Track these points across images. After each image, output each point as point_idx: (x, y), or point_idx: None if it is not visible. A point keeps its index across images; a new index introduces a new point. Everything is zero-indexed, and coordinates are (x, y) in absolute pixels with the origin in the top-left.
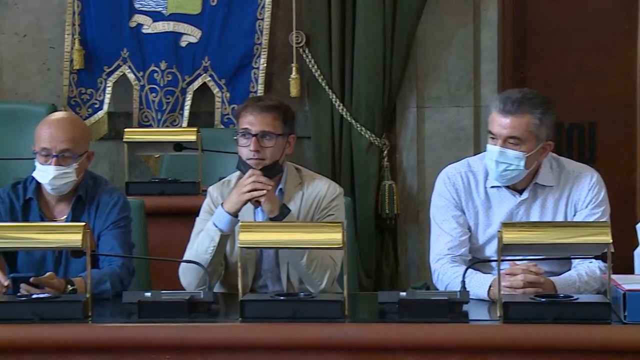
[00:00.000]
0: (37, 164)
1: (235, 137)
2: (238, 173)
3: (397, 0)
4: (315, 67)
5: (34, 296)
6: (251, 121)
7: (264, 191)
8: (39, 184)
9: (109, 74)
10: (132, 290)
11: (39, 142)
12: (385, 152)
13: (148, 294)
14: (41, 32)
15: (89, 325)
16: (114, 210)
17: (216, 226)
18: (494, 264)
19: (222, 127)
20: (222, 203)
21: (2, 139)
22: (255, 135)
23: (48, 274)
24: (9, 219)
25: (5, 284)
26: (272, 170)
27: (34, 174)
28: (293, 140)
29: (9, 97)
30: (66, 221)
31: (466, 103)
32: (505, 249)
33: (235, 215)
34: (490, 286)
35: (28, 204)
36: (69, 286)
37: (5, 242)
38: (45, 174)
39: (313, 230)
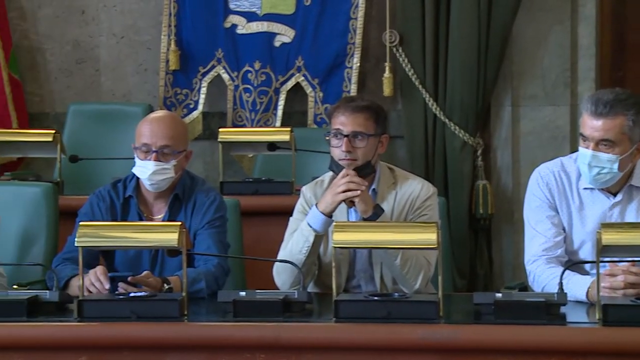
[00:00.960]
0: (136, 159)
1: (327, 138)
2: (331, 173)
3: None
4: (409, 66)
5: (132, 294)
6: (343, 122)
7: (358, 191)
8: (138, 183)
9: (204, 74)
10: (227, 289)
11: (140, 138)
12: (479, 151)
13: (243, 293)
14: (138, 33)
15: (185, 323)
16: (210, 210)
17: (310, 226)
18: (588, 266)
19: (315, 126)
20: (316, 203)
21: (101, 139)
22: (347, 135)
23: (144, 273)
24: (109, 217)
25: (107, 287)
26: (364, 171)
27: (134, 170)
28: (386, 140)
29: (107, 98)
30: (163, 220)
31: (562, 101)
32: (604, 250)
33: (329, 215)
34: (589, 288)
35: (127, 202)
36: (165, 285)
37: (104, 241)
38: (144, 169)
39: (407, 230)
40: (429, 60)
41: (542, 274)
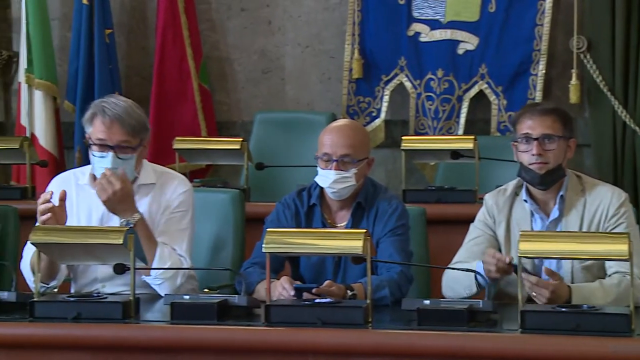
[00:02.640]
0: (319, 168)
1: (514, 143)
2: (515, 182)
3: None
4: (597, 72)
5: (317, 301)
6: (531, 125)
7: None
8: (322, 191)
9: (387, 83)
10: (410, 297)
11: (321, 148)
12: None
13: (427, 302)
14: (322, 43)
15: (369, 330)
16: (392, 218)
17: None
18: None
19: (499, 134)
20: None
21: (285, 146)
22: (536, 138)
23: (327, 282)
24: (293, 224)
25: (292, 293)
26: (555, 174)
27: (316, 178)
28: (574, 144)
29: (291, 107)
30: (346, 227)
31: None
32: None
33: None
34: None
35: (312, 210)
36: (348, 292)
37: (290, 247)
38: (326, 178)
39: (596, 241)
40: (618, 66)
41: None
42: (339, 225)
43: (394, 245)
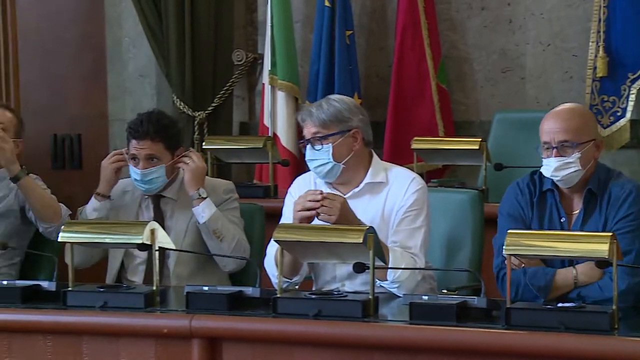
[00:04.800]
0: (542, 158)
1: None
2: None
3: None
4: None
5: (560, 305)
6: None
7: None
8: None
9: (633, 81)
10: None
11: (541, 136)
12: None
13: None
14: (565, 40)
15: (615, 337)
16: (624, 205)
17: None
18: None
19: None
20: None
21: (525, 147)
22: None
23: None
24: (529, 208)
25: None
26: None
27: (542, 169)
28: None
29: (531, 106)
30: (579, 216)
31: None
32: None
33: None
34: None
35: (544, 195)
36: None
37: (532, 250)
38: (548, 167)
39: None
40: None
41: None
42: (573, 212)
43: (627, 238)
